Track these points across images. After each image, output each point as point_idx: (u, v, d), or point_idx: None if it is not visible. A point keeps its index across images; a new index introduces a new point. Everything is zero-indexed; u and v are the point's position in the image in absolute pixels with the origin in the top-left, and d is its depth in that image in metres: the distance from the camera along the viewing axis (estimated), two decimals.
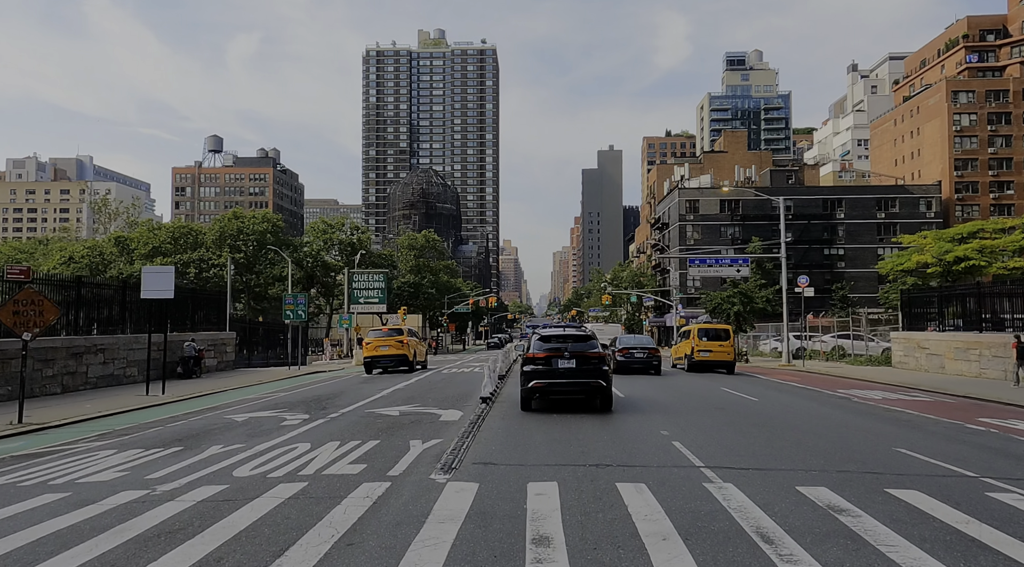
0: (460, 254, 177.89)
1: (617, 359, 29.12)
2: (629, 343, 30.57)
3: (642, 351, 29.48)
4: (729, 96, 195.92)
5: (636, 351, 29.45)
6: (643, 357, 29.25)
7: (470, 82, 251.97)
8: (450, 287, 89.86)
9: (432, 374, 29.79)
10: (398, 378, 25.96)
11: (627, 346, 29.98)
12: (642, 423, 13.92)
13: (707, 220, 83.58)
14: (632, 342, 30.84)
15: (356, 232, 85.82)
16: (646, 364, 29.18)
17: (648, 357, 29.21)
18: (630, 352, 29.51)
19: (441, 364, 44.51)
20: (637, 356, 29.22)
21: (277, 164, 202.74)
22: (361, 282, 55.81)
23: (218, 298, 31.55)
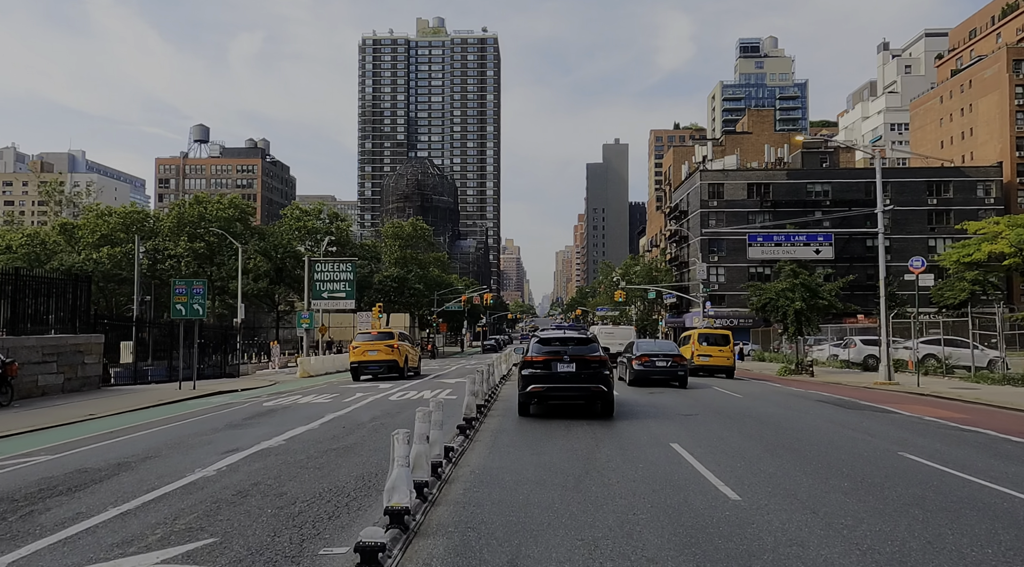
0: (457, 250, 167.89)
1: (634, 368, 24.85)
2: (649, 350, 25.78)
3: (665, 359, 24.82)
4: (742, 85, 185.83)
5: (658, 359, 24.79)
6: (666, 366, 24.66)
7: (470, 72, 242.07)
8: (441, 282, 79.96)
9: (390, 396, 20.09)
10: (306, 415, 15.94)
11: (647, 353, 25.24)
12: None
13: (732, 207, 73.54)
14: (652, 348, 26.02)
15: (335, 220, 75.95)
16: (670, 374, 24.61)
17: (672, 366, 24.65)
18: (650, 360, 24.80)
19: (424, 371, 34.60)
20: (659, 365, 24.64)
21: (266, 155, 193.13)
22: (325, 273, 45.97)
23: (64, 285, 21.54)
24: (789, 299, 34.54)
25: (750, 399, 19.43)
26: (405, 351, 31.42)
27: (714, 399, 19.39)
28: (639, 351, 25.47)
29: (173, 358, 31.12)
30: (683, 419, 14.50)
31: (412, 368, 33.20)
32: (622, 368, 27.45)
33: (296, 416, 15.29)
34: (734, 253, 73.17)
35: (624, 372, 26.70)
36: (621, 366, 27.84)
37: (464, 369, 39.82)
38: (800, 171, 74.22)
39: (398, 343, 30.41)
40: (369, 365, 29.78)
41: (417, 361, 35.06)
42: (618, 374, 27.85)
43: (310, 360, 34.18)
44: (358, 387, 23.36)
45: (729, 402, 18.49)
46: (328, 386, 25.59)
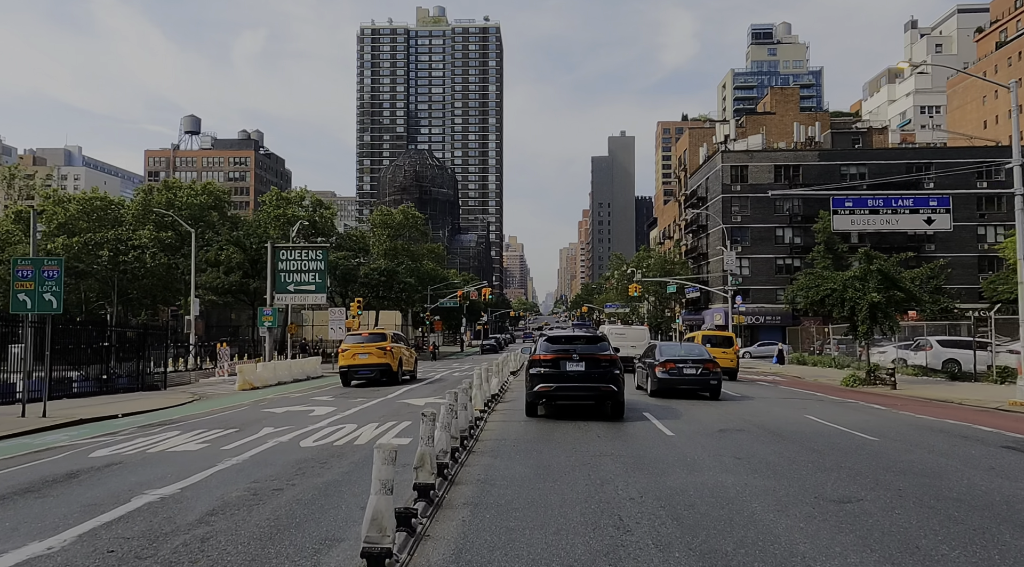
0: (457, 244, 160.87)
1: (658, 376, 20.70)
2: (675, 354, 21.67)
3: (694, 365, 20.85)
4: (755, 72, 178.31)
5: (686, 366, 20.85)
6: (695, 374, 20.67)
7: (472, 63, 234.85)
8: (436, 276, 72.90)
9: (303, 441, 13.03)
10: (111, 491, 9.00)
11: (673, 358, 21.16)
12: None
13: (758, 191, 66.24)
14: (679, 352, 21.87)
15: (318, 207, 68.95)
16: (700, 383, 20.65)
17: (703, 374, 20.69)
18: (677, 367, 20.77)
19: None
20: (687, 372, 20.72)
21: (260, 147, 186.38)
22: (291, 262, 38.99)
23: None
24: (859, 290, 27.31)
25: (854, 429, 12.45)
26: (399, 354, 28.79)
27: (811, 435, 12.29)
28: (663, 356, 21.33)
29: (83, 366, 24.18)
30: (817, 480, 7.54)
31: (407, 372, 30.60)
32: (640, 375, 23.65)
33: (96, 491, 8.24)
34: (760, 243, 65.97)
35: (643, 380, 22.69)
36: (640, 373, 23.88)
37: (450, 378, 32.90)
38: (833, 151, 66.91)
39: (391, 345, 27.93)
40: (360, 369, 27.45)
41: (413, 364, 31.96)
42: (636, 382, 24.40)
43: (256, 367, 27.21)
44: (279, 415, 16.34)
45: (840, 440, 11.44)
46: (249, 408, 18.56)
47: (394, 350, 28.06)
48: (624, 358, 33.81)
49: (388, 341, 28.01)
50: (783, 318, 64.63)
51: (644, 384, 22.38)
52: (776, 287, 65.28)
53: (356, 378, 27.53)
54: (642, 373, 23.11)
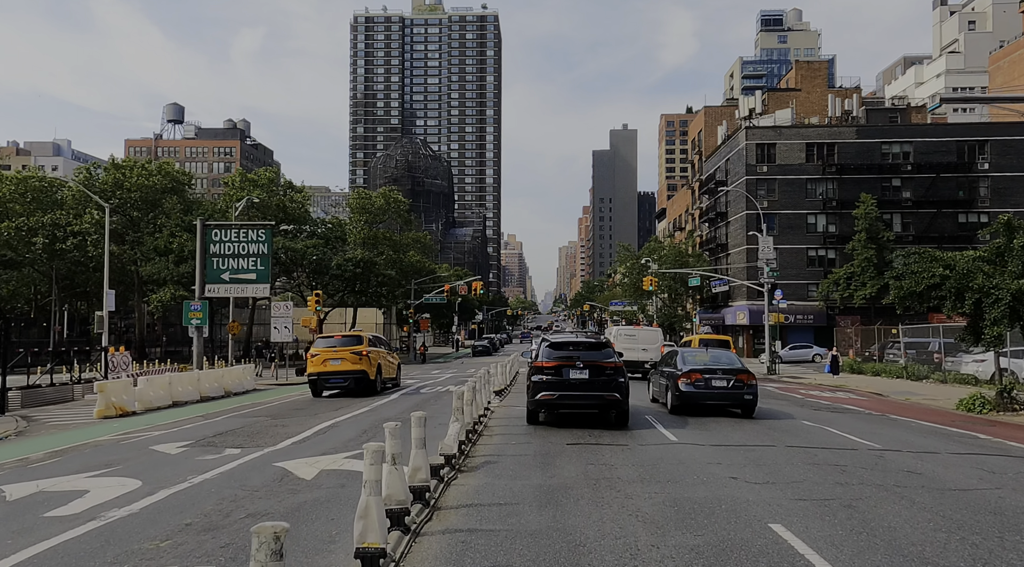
0: (451, 238, 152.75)
1: (681, 389, 16.41)
2: (701, 362, 17.03)
3: (724, 376, 16.36)
4: (764, 60, 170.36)
5: (714, 377, 16.37)
6: (726, 387, 16.21)
7: (469, 52, 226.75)
8: (422, 269, 64.91)
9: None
10: None
11: (698, 368, 16.62)
12: None
13: (787, 172, 58.33)
14: (705, 361, 17.19)
15: (289, 190, 60.91)
16: (732, 398, 16.29)
17: (735, 387, 16.19)
18: (704, 378, 16.34)
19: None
20: (716, 385, 16.29)
21: (246, 137, 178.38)
22: (226, 244, 31.11)
23: None
24: (990, 275, 19.31)
25: None
26: (378, 359, 25.06)
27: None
28: (687, 364, 17.44)
29: None
30: None
31: (389, 379, 27.00)
32: (657, 386, 19.64)
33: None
34: (789, 231, 58.03)
35: (660, 392, 18.89)
36: (656, 383, 19.76)
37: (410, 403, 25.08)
38: (873, 128, 58.96)
39: (368, 349, 24.27)
40: (331, 378, 23.89)
41: (395, 370, 28.08)
42: (651, 393, 20.56)
43: (131, 384, 19.14)
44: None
45: None
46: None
47: (371, 355, 24.19)
48: (633, 363, 27.15)
49: (364, 344, 24.13)
50: (816, 317, 56.74)
51: (662, 397, 18.42)
52: (808, 282, 57.44)
53: (328, 388, 23.76)
54: (660, 383, 18.97)
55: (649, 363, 28.16)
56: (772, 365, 39.13)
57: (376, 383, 24.41)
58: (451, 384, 28.41)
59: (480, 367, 41.19)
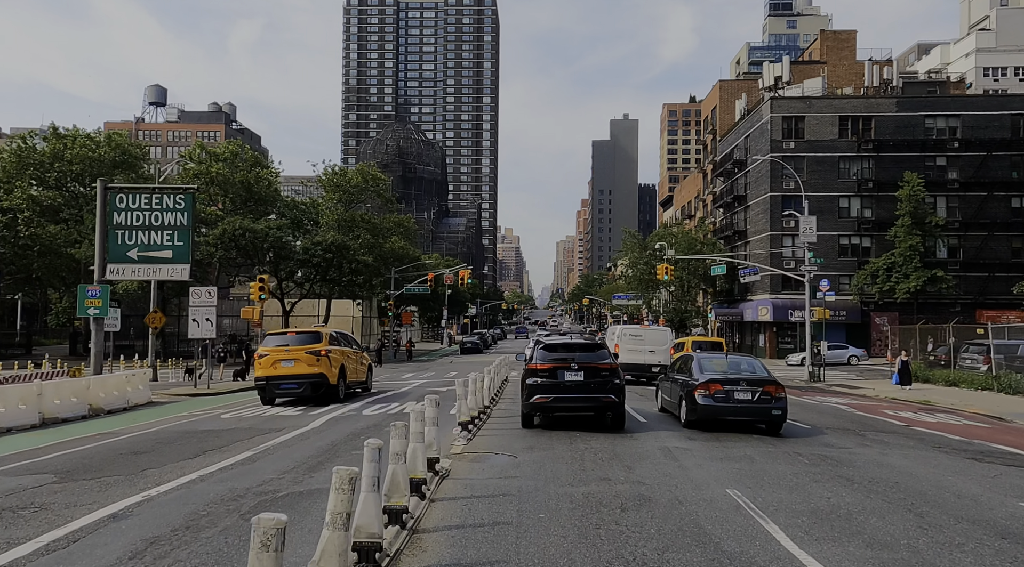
0: (444, 228, 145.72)
1: (698, 401, 13.93)
2: (721, 371, 14.54)
3: (749, 388, 13.77)
4: (772, 46, 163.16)
5: (737, 388, 13.80)
6: (750, 400, 13.74)
7: (465, 37, 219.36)
8: (404, 256, 58.11)
9: None
10: None
11: (719, 377, 14.05)
12: None
13: (817, 149, 51.59)
14: (727, 369, 14.67)
15: (255, 166, 54.04)
16: (757, 414, 13.83)
17: (763, 400, 13.71)
18: (725, 390, 13.82)
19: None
20: (740, 397, 13.75)
21: (232, 121, 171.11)
22: (132, 212, 24.31)
23: None
24: None
25: None
26: (341, 360, 20.62)
27: None
28: (705, 373, 14.22)
29: None
30: None
31: (356, 383, 22.43)
32: (668, 396, 16.22)
33: None
34: (820, 216, 50.75)
35: (673, 403, 15.62)
36: (667, 393, 16.37)
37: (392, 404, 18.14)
38: (916, 99, 52.16)
39: (328, 348, 19.78)
40: (283, 383, 19.44)
41: (365, 373, 23.42)
42: (659, 403, 17.34)
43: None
44: None
45: None
46: None
47: (333, 355, 20.20)
48: (638, 367, 24.81)
49: (324, 342, 20.03)
50: (848, 313, 50.08)
51: (674, 408, 15.79)
52: (839, 273, 50.80)
53: (280, 394, 19.87)
54: (671, 393, 16.21)
55: (658, 367, 24.90)
56: (816, 370, 32.38)
57: (338, 388, 20.19)
58: (430, 390, 21.96)
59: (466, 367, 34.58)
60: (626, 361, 24.98)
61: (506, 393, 22.15)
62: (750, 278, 37.49)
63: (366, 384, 23.36)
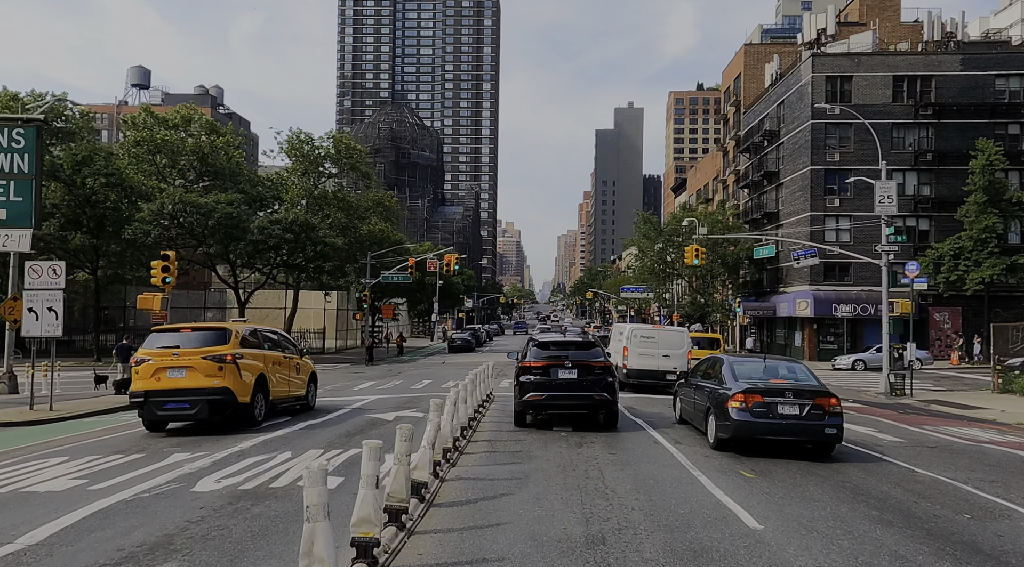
0: (439, 216, 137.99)
1: (733, 417, 11.28)
2: (760, 378, 11.92)
3: (796, 400, 11.20)
4: (786, 28, 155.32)
5: (782, 400, 11.24)
6: (797, 415, 11.14)
7: (465, 20, 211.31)
8: (383, 239, 50.55)
9: None
10: None
11: (759, 386, 11.45)
12: None
13: (867, 114, 43.82)
14: (768, 376, 12.03)
15: (210, 133, 46.41)
16: (806, 432, 11.19)
17: (813, 415, 11.15)
18: (767, 403, 11.25)
19: None
20: (785, 412, 11.18)
21: (219, 104, 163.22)
22: None
23: None
24: None
25: None
26: (258, 369, 14.09)
27: None
28: (740, 381, 11.70)
29: None
30: None
31: (289, 400, 15.65)
32: (692, 408, 13.69)
33: None
34: (867, 195, 43.60)
35: (698, 416, 13.07)
36: (690, 404, 13.85)
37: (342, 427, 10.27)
38: (985, 56, 44.44)
39: (237, 352, 13.61)
40: (169, 401, 13.22)
41: (303, 385, 16.35)
42: (678, 413, 14.93)
43: None
44: None
45: None
46: None
47: (246, 362, 13.62)
48: (652, 373, 22.14)
49: (231, 344, 13.55)
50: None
51: (699, 422, 12.92)
52: (893, 261, 43.11)
53: (165, 416, 13.26)
54: (694, 404, 13.35)
55: (674, 373, 21.76)
56: (898, 381, 24.77)
57: (253, 408, 13.76)
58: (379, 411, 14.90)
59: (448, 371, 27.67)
60: (637, 366, 22.54)
61: (489, 417, 14.76)
62: (806, 262, 29.91)
63: (305, 399, 16.53)
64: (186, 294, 50.54)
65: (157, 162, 45.54)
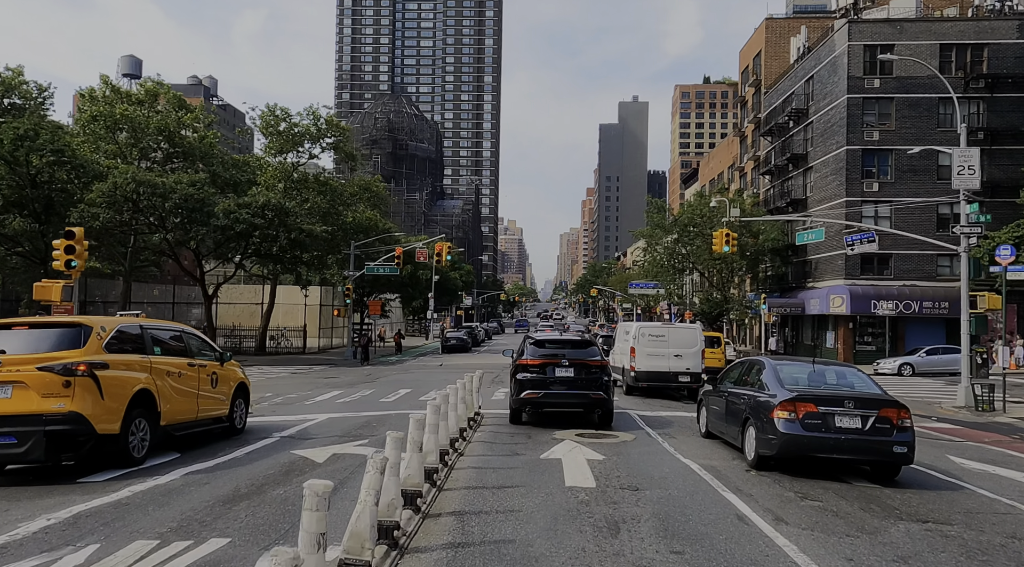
0: (438, 210, 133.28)
1: (779, 429, 9.37)
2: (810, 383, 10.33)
3: (857, 412, 9.30)
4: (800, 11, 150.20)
5: (842, 410, 9.31)
6: (859, 429, 9.27)
7: (466, 12, 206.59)
8: (370, 227, 45.93)
9: None
10: None
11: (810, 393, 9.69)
12: None
13: (910, 89, 39.33)
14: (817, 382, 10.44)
15: (178, 109, 41.76)
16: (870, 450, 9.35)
17: (876, 429, 9.25)
18: (822, 414, 9.33)
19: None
20: (843, 425, 9.31)
21: (213, 95, 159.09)
22: None
23: None
24: None
25: None
26: (137, 384, 9.42)
27: None
28: (787, 386, 9.97)
29: None
30: None
31: (204, 421, 11.22)
32: (721, 418, 11.79)
33: None
34: (909, 178, 39.09)
35: (731, 428, 11.21)
36: (721, 414, 11.80)
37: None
38: None
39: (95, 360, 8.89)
40: None
41: (225, 402, 11.79)
42: (705, 424, 12.90)
43: None
44: None
45: None
46: None
47: (110, 375, 9.04)
48: (662, 374, 20.63)
49: (85, 348, 8.95)
50: (952, 306, 37.83)
51: (734, 437, 11.02)
52: (937, 252, 38.75)
53: None
54: (727, 414, 11.40)
55: (687, 374, 20.61)
56: (985, 393, 20.05)
57: (127, 440, 9.22)
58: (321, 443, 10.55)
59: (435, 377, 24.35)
60: (645, 368, 20.71)
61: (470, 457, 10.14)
62: (862, 247, 25.27)
63: (228, 420, 12.06)
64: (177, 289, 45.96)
65: (119, 141, 41.04)
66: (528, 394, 13.31)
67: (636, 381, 20.64)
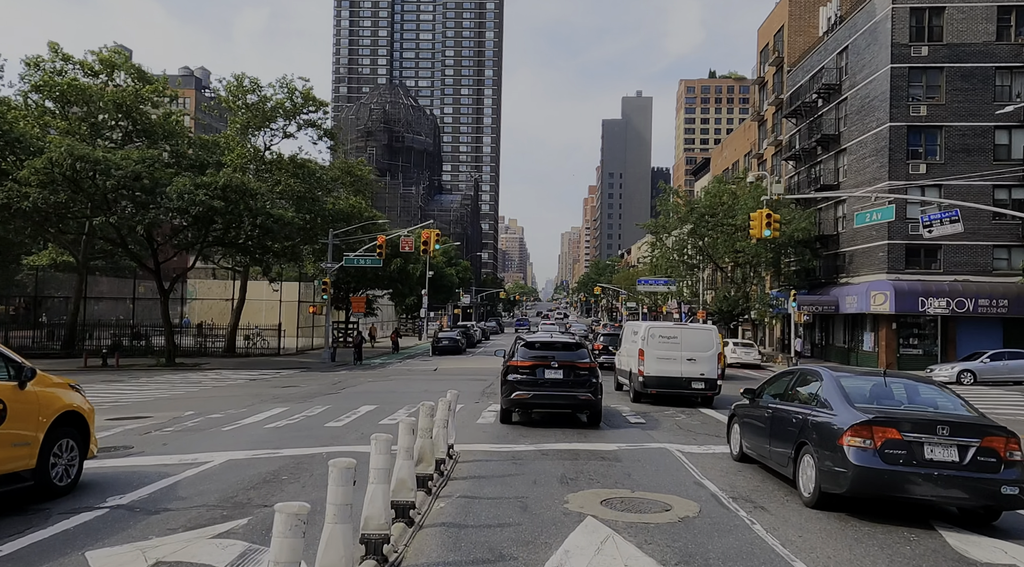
0: (435, 204, 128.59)
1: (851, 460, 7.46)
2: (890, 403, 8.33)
3: (952, 441, 7.45)
4: None
5: (931, 440, 7.41)
6: (956, 462, 7.41)
7: (467, 4, 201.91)
8: (354, 215, 41.24)
9: None
10: None
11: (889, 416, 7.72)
12: None
13: (962, 58, 34.74)
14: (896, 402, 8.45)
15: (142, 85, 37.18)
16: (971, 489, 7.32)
17: (977, 463, 7.34)
18: (908, 443, 7.43)
19: None
20: (934, 457, 7.42)
21: (204, 86, 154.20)
22: None
23: None
24: None
25: None
26: None
27: None
28: (860, 408, 7.96)
29: None
30: None
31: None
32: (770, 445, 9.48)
33: None
34: (964, 157, 34.42)
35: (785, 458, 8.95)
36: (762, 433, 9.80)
37: None
38: None
39: None
40: None
41: (26, 446, 7.11)
42: (739, 445, 10.78)
43: None
44: None
45: None
46: None
47: None
48: (674, 381, 19.03)
49: None
50: (1012, 303, 33.21)
51: (782, 465, 9.05)
52: (994, 243, 34.21)
53: None
54: (773, 435, 9.41)
55: (701, 379, 18.51)
56: None
57: None
58: (170, 528, 5.41)
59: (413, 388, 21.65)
60: (656, 373, 18.76)
61: (422, 545, 5.59)
62: (942, 228, 20.52)
63: (39, 476, 7.52)
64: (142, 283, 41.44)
65: (69, 116, 36.51)
66: (518, 395, 13.64)
67: (644, 387, 18.70)
